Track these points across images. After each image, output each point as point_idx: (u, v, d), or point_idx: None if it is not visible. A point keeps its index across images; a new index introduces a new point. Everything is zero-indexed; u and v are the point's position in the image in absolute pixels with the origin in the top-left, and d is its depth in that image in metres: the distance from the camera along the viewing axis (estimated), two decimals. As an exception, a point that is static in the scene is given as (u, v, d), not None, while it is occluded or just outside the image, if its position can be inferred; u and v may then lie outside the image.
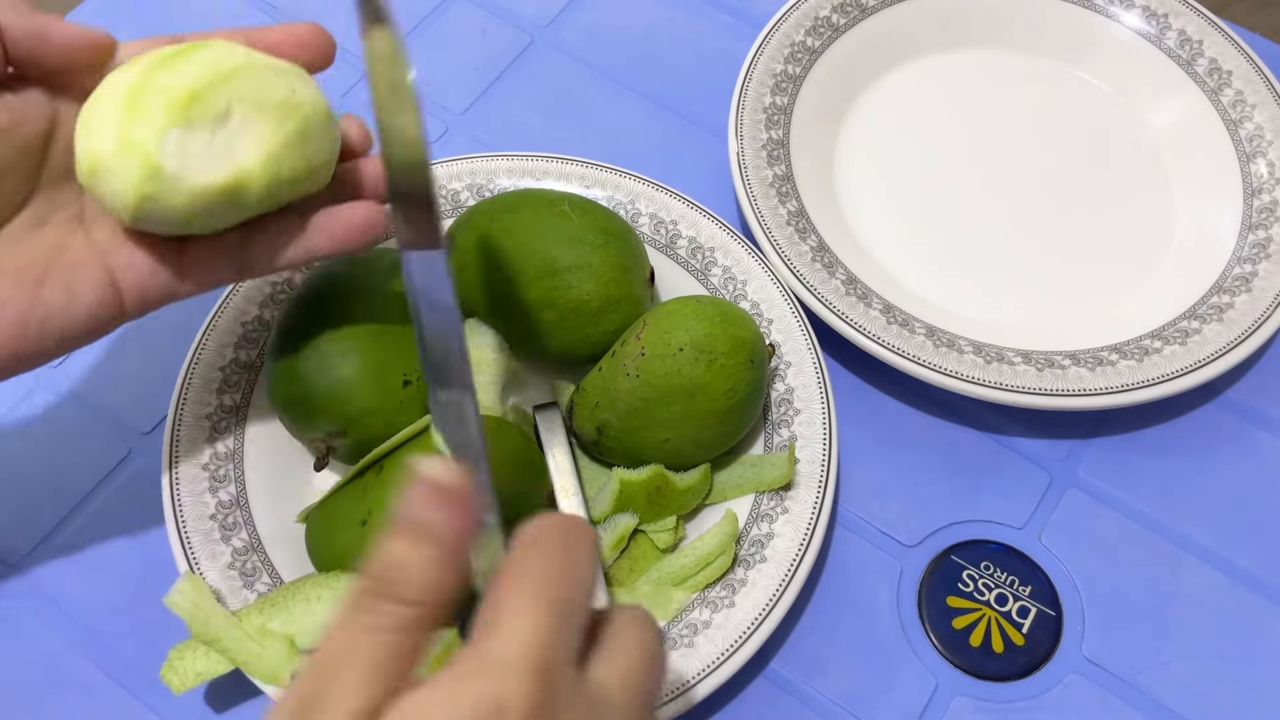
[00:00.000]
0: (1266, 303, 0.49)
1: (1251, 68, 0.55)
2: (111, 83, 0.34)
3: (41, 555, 0.44)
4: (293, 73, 0.36)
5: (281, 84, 0.35)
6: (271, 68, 0.35)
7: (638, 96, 0.59)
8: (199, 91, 0.33)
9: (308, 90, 0.36)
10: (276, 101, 0.35)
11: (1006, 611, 0.44)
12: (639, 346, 0.42)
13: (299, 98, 0.35)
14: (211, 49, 0.35)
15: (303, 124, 0.35)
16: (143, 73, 0.33)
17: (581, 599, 0.26)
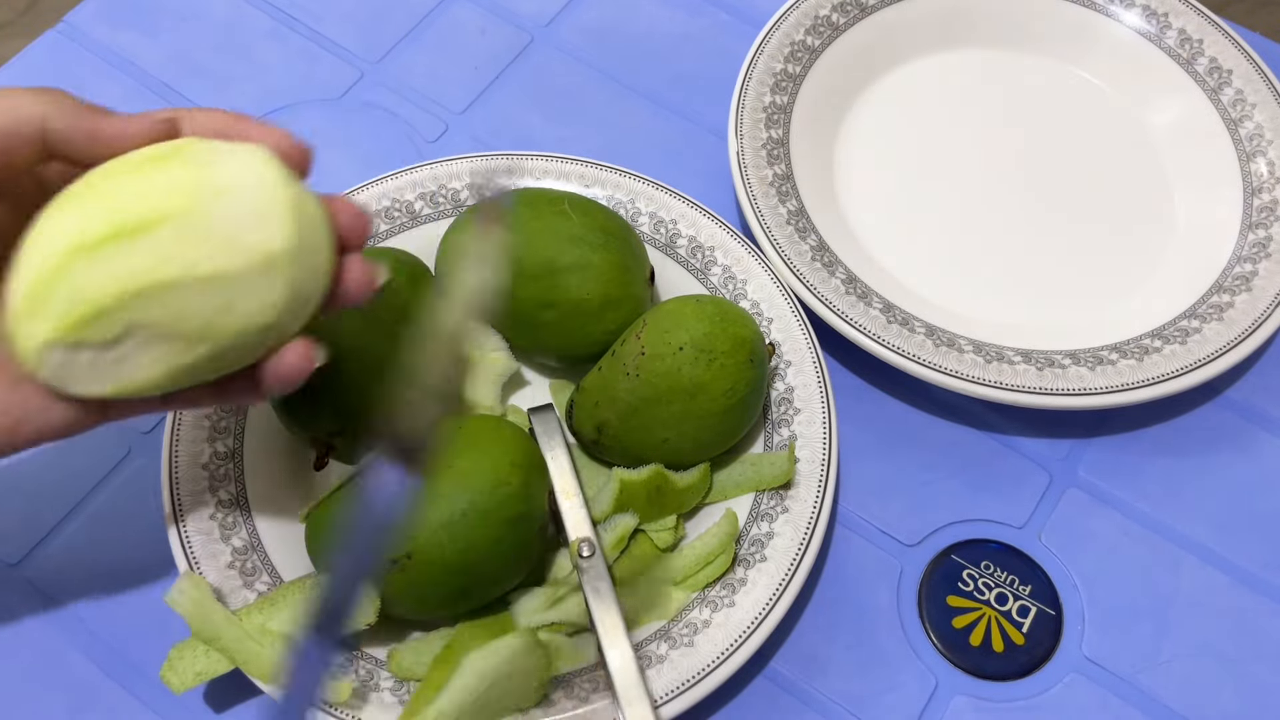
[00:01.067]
0: (1267, 302, 0.49)
1: (1252, 67, 0.55)
2: (35, 253, 0.30)
3: (41, 555, 0.45)
4: (248, 275, 0.30)
5: (212, 300, 0.30)
6: (214, 277, 0.30)
7: (637, 95, 0.58)
8: (104, 308, 0.30)
9: (248, 301, 0.31)
10: (194, 326, 0.31)
11: (1006, 611, 0.44)
12: (639, 346, 0.42)
13: (227, 320, 0.31)
14: (166, 231, 0.30)
15: (218, 348, 0.31)
16: (65, 253, 0.30)
17: None
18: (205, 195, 0.30)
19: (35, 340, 0.30)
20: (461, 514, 0.38)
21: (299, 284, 0.31)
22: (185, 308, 0.30)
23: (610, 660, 0.38)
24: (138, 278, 0.29)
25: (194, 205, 0.30)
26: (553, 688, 0.40)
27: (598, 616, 0.39)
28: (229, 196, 0.30)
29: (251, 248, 0.30)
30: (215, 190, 0.30)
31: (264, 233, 0.30)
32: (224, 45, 0.59)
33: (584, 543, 0.41)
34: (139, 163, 0.31)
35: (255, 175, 0.31)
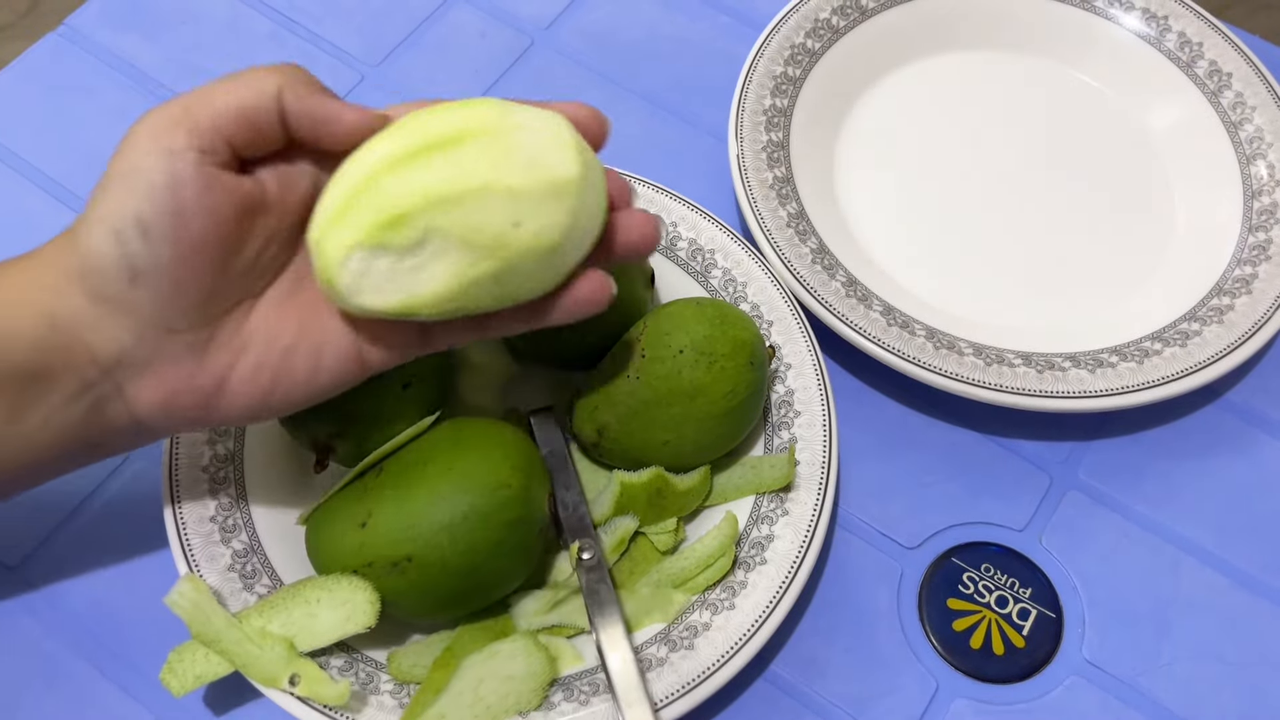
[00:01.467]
0: (1266, 305, 0.49)
1: (1251, 70, 0.55)
2: (347, 172, 0.34)
3: (41, 558, 0.44)
4: (539, 196, 0.33)
5: (505, 214, 0.33)
6: (510, 192, 0.33)
7: (637, 98, 0.59)
8: (407, 213, 0.32)
9: (537, 220, 0.34)
10: (486, 239, 0.33)
11: (1007, 613, 0.44)
12: (639, 348, 0.42)
13: (515, 234, 0.33)
14: (470, 147, 0.33)
15: (503, 265, 0.34)
16: (375, 168, 0.33)
17: None
18: (508, 126, 0.34)
19: (341, 246, 0.33)
20: (462, 517, 0.38)
21: (581, 214, 0.35)
22: (480, 219, 0.33)
23: (610, 663, 0.38)
24: (441, 186, 0.32)
25: (498, 130, 0.33)
26: (553, 690, 0.40)
27: (598, 619, 0.39)
28: (527, 130, 0.34)
29: (544, 171, 0.33)
30: (516, 124, 0.34)
31: (556, 161, 0.34)
32: (225, 48, 0.59)
33: (584, 545, 0.41)
34: (444, 107, 0.35)
35: (549, 120, 0.35)
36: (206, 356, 0.35)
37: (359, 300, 0.34)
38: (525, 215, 0.33)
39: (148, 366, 0.34)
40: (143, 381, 0.34)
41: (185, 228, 0.32)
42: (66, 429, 0.34)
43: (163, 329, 0.34)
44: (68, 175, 0.54)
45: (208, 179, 0.33)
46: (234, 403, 0.35)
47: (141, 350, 0.34)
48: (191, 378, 0.34)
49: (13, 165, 0.54)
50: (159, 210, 0.32)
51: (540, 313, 0.37)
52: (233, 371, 0.35)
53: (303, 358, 0.36)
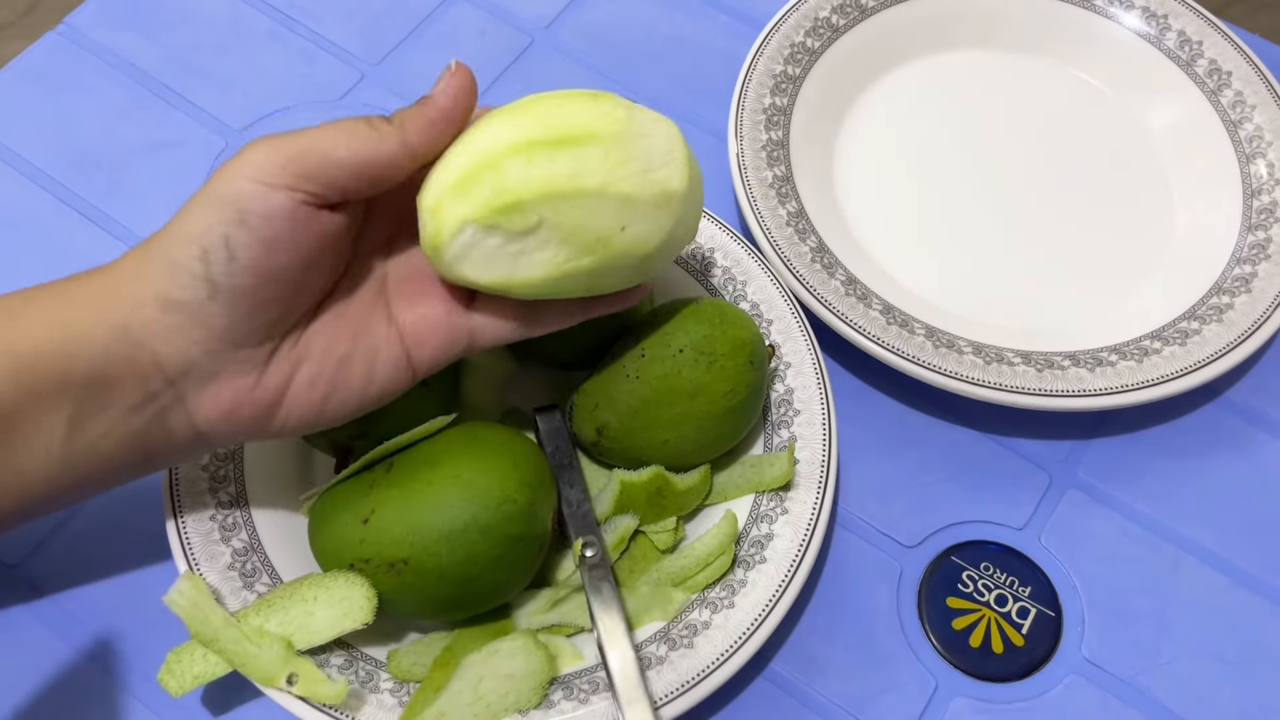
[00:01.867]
0: (1266, 303, 0.49)
1: (1251, 69, 0.55)
2: (471, 146, 0.35)
3: (41, 557, 0.45)
4: (648, 204, 0.35)
5: (614, 218, 0.35)
6: (623, 197, 0.35)
7: (637, 97, 0.59)
8: (524, 201, 0.34)
9: (641, 227, 0.35)
10: (591, 237, 0.35)
11: (1006, 612, 0.44)
12: (639, 348, 0.42)
13: (619, 237, 0.35)
14: (596, 148, 0.34)
15: (600, 263, 0.35)
16: (501, 149, 0.34)
17: None
18: (632, 130, 0.35)
19: (456, 216, 0.34)
20: (463, 527, 0.37)
21: (679, 227, 0.37)
22: (591, 218, 0.34)
23: (610, 661, 0.38)
24: (563, 181, 0.34)
25: (623, 134, 0.35)
26: (553, 688, 0.40)
27: (599, 617, 0.39)
28: (648, 138, 0.35)
29: (658, 183, 0.35)
30: (639, 130, 0.35)
31: (668, 173, 0.35)
32: (224, 47, 0.59)
33: (587, 543, 0.41)
34: (574, 95, 0.35)
35: (665, 129, 0.36)
36: (268, 370, 0.35)
37: (460, 269, 0.35)
38: (632, 221, 0.35)
39: (213, 379, 0.34)
40: (206, 393, 0.35)
41: (273, 259, 0.33)
42: (128, 438, 0.34)
43: (232, 344, 0.34)
44: (67, 174, 0.54)
45: (305, 218, 0.33)
46: (292, 413, 0.36)
47: (209, 363, 0.34)
48: (253, 390, 0.35)
49: (12, 164, 0.55)
50: (251, 238, 0.33)
51: (591, 307, 0.40)
52: (291, 383, 0.36)
53: (357, 366, 0.37)
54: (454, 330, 0.38)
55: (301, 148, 0.33)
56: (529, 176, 0.34)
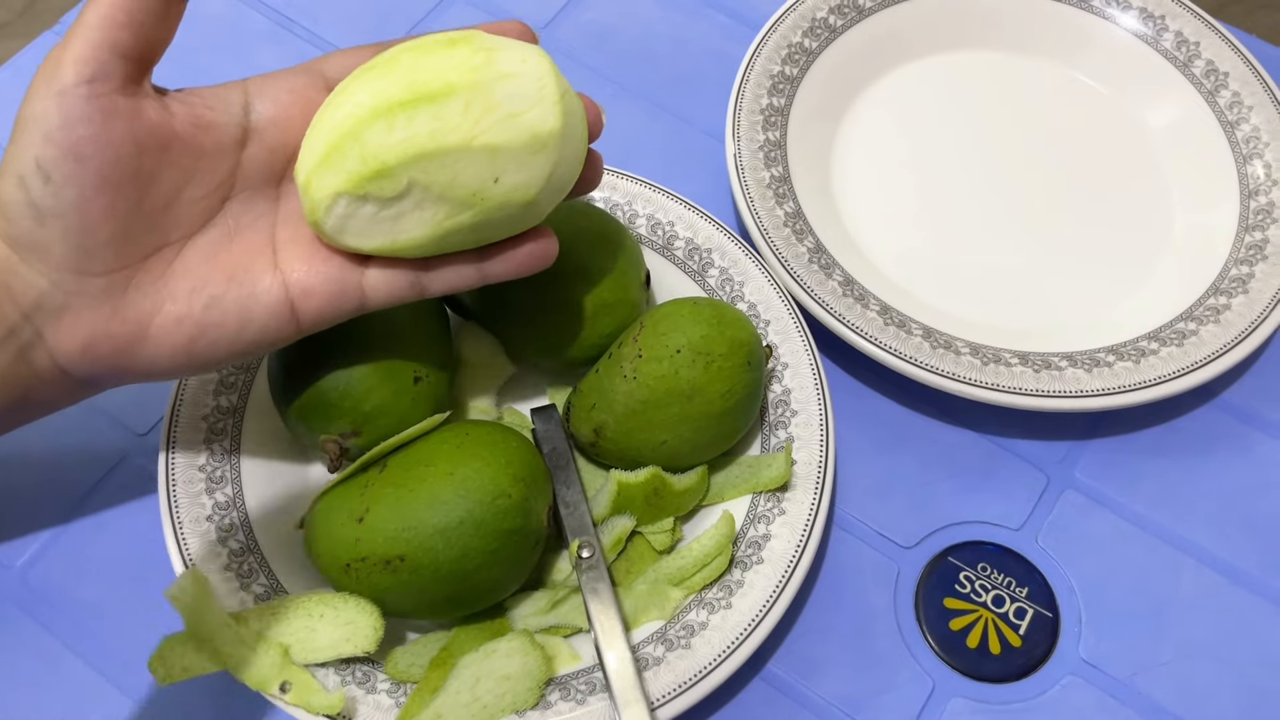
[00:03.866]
0: (1263, 304, 0.49)
1: (1248, 69, 0.56)
2: (331, 115, 0.34)
3: (38, 557, 0.44)
4: (519, 151, 0.34)
5: (484, 171, 0.34)
6: (490, 149, 0.34)
7: (635, 97, 0.59)
8: (389, 167, 0.33)
9: (515, 176, 0.34)
10: (465, 192, 0.34)
11: (1003, 613, 0.44)
12: (636, 349, 0.42)
13: (494, 189, 0.34)
14: (454, 102, 0.33)
15: (481, 216, 0.35)
16: (360, 117, 0.33)
17: None
18: (491, 75, 0.33)
19: (327, 190, 0.34)
20: (458, 523, 0.38)
21: (560, 167, 0.35)
22: (461, 174, 0.34)
23: (608, 662, 0.38)
24: (424, 141, 0.33)
25: (481, 82, 0.33)
26: (550, 689, 0.40)
27: (596, 618, 0.39)
28: (511, 80, 0.34)
29: (526, 127, 0.34)
30: (500, 73, 0.34)
31: (538, 115, 0.34)
32: (221, 46, 0.59)
33: (584, 544, 0.41)
34: (430, 45, 0.34)
35: (533, 65, 0.34)
36: (125, 301, 0.34)
37: (343, 240, 0.35)
38: (504, 171, 0.34)
39: (65, 310, 0.34)
40: (61, 326, 0.34)
41: (84, 166, 0.32)
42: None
43: (76, 271, 0.33)
44: (64, 174, 0.54)
45: (102, 112, 0.32)
46: (158, 352, 0.35)
47: (57, 294, 0.33)
48: (108, 322, 0.34)
49: (9, 164, 0.54)
50: (56, 154, 0.32)
51: (483, 263, 0.38)
52: (154, 319, 0.34)
53: (231, 310, 0.35)
54: (345, 284, 0.36)
55: (69, 32, 0.33)
56: (391, 142, 0.33)
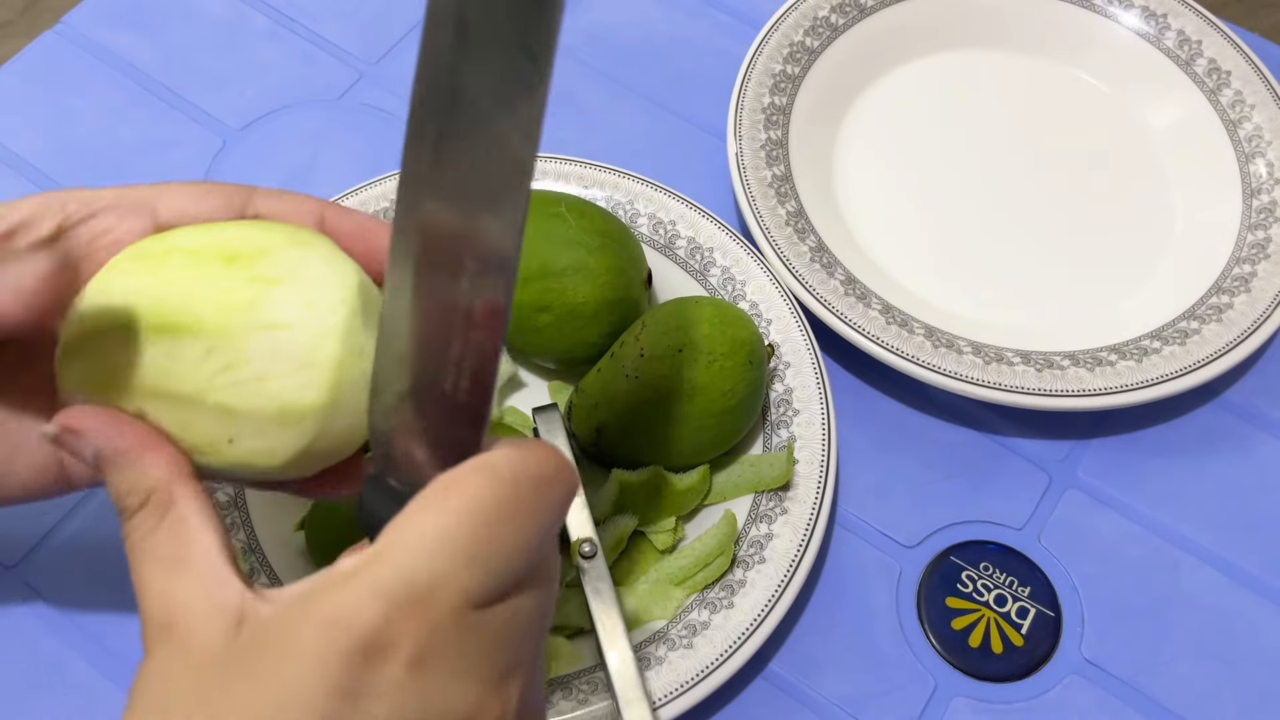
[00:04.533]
0: (1265, 303, 0.49)
1: (1250, 68, 0.55)
2: (86, 302, 0.28)
3: (39, 557, 0.44)
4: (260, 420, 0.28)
5: (217, 428, 0.28)
6: (223, 409, 0.28)
7: (636, 96, 0.58)
8: (120, 386, 0.28)
9: (252, 443, 0.28)
10: (200, 440, 0.28)
11: (1005, 612, 0.44)
12: (638, 348, 0.42)
13: (230, 450, 0.28)
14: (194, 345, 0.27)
15: (226, 465, 0.29)
16: (111, 313, 0.28)
17: (524, 545, 0.25)
18: (251, 322, 0.27)
19: (68, 382, 0.29)
20: None
21: (317, 444, 0.28)
22: (192, 423, 0.28)
23: (609, 661, 0.38)
24: (154, 377, 0.28)
25: (234, 328, 0.27)
26: (552, 689, 0.40)
27: (598, 617, 0.39)
28: (275, 333, 0.27)
29: (274, 396, 0.27)
30: (264, 321, 0.27)
31: (294, 385, 0.28)
32: (222, 46, 0.59)
33: (585, 543, 0.41)
34: (209, 250, 0.29)
35: (318, 318, 0.28)
36: None
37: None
38: (239, 435, 0.28)
39: None
40: None
41: None
42: None
43: None
44: (64, 173, 0.54)
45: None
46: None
47: None
48: None
49: (9, 163, 0.54)
50: None
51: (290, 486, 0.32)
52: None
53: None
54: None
55: None
56: (124, 361, 0.28)
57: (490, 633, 0.25)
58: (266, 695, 0.23)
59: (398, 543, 0.24)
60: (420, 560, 0.23)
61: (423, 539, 0.24)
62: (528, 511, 0.25)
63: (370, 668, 0.23)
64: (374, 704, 0.23)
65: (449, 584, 0.23)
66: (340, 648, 0.23)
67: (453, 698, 0.24)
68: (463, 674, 0.24)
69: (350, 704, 0.23)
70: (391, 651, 0.23)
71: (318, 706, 0.22)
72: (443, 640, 0.23)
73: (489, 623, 0.24)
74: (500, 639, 0.25)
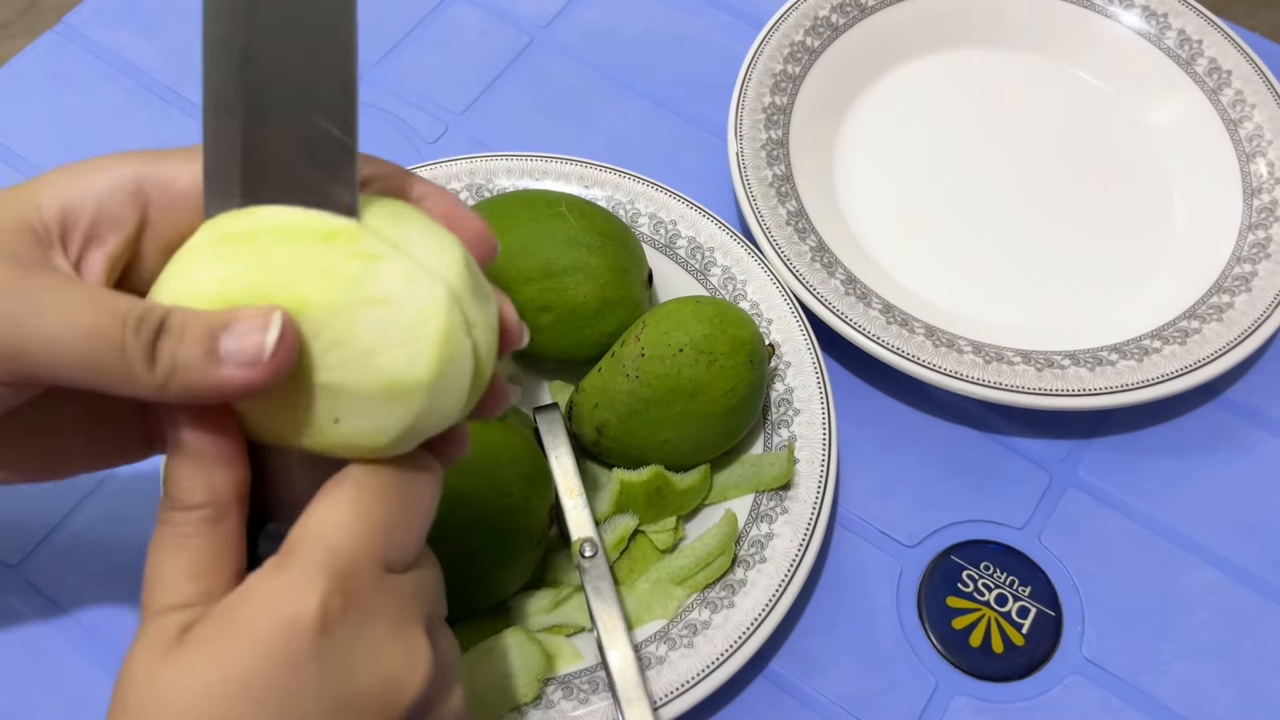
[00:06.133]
0: (1266, 302, 0.49)
1: (1251, 67, 0.55)
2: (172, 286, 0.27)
3: (41, 555, 0.44)
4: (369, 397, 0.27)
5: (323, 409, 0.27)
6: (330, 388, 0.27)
7: (637, 96, 0.58)
8: None
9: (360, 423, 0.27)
10: (302, 424, 0.27)
11: (1006, 612, 0.44)
12: (638, 347, 0.42)
13: (334, 429, 0.27)
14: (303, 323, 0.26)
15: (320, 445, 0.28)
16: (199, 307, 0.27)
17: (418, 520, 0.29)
18: (358, 297, 0.26)
19: None
20: (460, 522, 0.37)
21: (426, 418, 0.28)
22: (296, 404, 0.27)
23: (610, 661, 0.38)
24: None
25: (341, 305, 0.26)
26: (553, 688, 0.40)
27: (599, 616, 0.39)
28: (382, 307, 0.26)
29: (382, 371, 0.27)
30: (371, 296, 0.26)
31: (403, 358, 0.27)
32: (223, 46, 0.59)
33: (586, 542, 0.41)
34: (304, 227, 0.27)
35: (422, 290, 0.27)
36: None
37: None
38: (345, 414, 0.27)
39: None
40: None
41: None
42: None
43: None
44: (66, 173, 0.54)
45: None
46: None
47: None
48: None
49: (11, 163, 0.54)
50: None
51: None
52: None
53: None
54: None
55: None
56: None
57: (407, 592, 0.28)
58: (227, 674, 0.25)
59: (311, 529, 0.27)
60: (343, 538, 0.27)
61: (341, 520, 0.27)
62: (416, 495, 0.29)
63: (319, 634, 0.26)
64: (327, 662, 0.26)
65: (369, 554, 0.27)
66: (287, 624, 0.25)
67: (389, 640, 0.27)
68: (392, 621, 0.28)
69: (307, 669, 0.25)
70: (335, 616, 0.26)
71: (279, 678, 0.25)
72: (369, 598, 0.27)
73: (403, 585, 0.28)
74: (414, 596, 0.29)
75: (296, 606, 0.26)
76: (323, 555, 0.26)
